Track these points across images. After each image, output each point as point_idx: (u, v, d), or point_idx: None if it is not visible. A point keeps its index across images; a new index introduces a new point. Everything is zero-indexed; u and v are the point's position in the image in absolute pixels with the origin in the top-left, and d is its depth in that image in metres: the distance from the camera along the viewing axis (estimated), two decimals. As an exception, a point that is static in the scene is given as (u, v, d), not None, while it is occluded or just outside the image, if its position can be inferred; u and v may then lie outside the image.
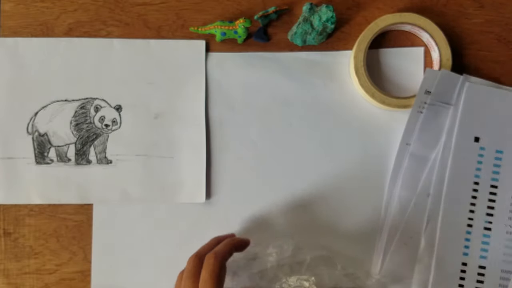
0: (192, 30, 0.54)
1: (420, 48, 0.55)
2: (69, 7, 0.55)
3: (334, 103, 0.55)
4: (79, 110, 0.54)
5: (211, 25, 0.53)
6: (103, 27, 0.55)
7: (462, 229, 0.51)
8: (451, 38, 0.54)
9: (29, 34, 0.55)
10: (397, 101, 0.53)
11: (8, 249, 0.53)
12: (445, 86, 0.52)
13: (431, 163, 0.52)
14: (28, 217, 0.54)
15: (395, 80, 0.55)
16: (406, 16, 0.53)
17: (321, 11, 0.53)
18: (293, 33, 0.53)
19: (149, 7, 0.55)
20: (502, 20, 0.55)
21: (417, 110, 0.52)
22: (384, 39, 0.55)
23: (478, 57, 0.55)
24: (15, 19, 0.55)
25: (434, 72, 0.52)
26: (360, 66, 0.53)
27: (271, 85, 0.55)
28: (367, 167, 0.54)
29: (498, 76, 0.55)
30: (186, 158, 0.54)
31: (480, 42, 0.55)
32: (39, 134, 0.54)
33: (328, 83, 0.55)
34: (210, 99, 0.55)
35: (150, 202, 0.54)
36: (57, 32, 0.55)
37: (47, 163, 0.54)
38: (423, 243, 0.51)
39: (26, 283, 0.53)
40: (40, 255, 0.53)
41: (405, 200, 0.52)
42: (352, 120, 0.54)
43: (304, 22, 0.53)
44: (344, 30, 0.55)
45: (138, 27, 0.55)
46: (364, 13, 0.55)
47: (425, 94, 0.52)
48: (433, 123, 0.52)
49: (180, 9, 0.55)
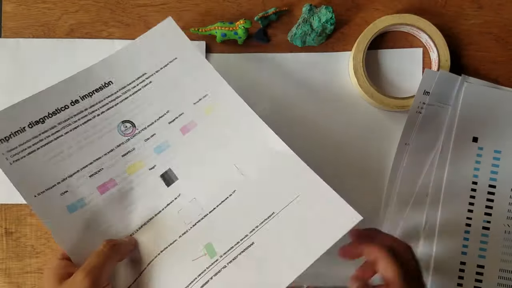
0: (193, 31, 0.54)
1: (418, 49, 0.55)
2: (70, 8, 0.56)
3: (333, 103, 0.55)
4: (81, 111, 0.54)
5: (212, 26, 0.54)
6: (104, 28, 0.56)
7: (461, 228, 0.51)
8: (450, 39, 0.55)
9: (31, 35, 0.55)
10: (396, 101, 0.53)
11: (9, 248, 0.54)
12: (444, 87, 0.52)
13: (430, 163, 0.52)
14: (29, 216, 0.54)
15: (394, 80, 0.55)
16: (405, 17, 0.54)
17: (320, 12, 0.53)
18: (292, 34, 0.54)
19: (150, 8, 0.56)
20: (501, 21, 0.56)
21: (415, 111, 0.52)
22: (383, 40, 0.56)
23: (476, 58, 0.55)
24: (16, 20, 0.55)
25: (432, 72, 0.53)
26: (359, 66, 0.53)
27: (271, 85, 0.55)
28: (366, 167, 0.54)
29: (496, 77, 0.55)
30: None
31: (479, 43, 0.56)
32: (40, 134, 0.54)
33: (327, 83, 0.55)
34: (210, 100, 0.55)
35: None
36: (59, 33, 0.55)
37: (48, 163, 0.54)
38: (421, 242, 0.51)
39: (28, 282, 0.53)
40: (42, 254, 0.54)
41: (403, 200, 0.52)
42: (351, 120, 0.55)
43: (304, 23, 0.53)
44: (344, 31, 0.56)
45: (139, 28, 0.55)
46: (363, 14, 0.56)
47: (423, 94, 0.52)
48: (432, 123, 0.52)
49: (180, 10, 0.56)
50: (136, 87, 0.47)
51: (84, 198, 0.44)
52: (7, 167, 0.42)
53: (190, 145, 0.47)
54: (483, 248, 0.51)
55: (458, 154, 0.52)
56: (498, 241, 0.51)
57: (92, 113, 0.46)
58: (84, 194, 0.44)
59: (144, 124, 0.47)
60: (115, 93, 0.47)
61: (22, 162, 0.43)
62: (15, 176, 0.42)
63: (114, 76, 0.47)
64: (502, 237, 0.51)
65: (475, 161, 0.52)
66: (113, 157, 0.45)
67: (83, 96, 0.46)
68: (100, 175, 0.45)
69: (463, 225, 0.51)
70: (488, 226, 0.51)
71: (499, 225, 0.51)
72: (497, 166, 0.52)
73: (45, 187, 0.43)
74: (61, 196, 0.43)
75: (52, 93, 0.45)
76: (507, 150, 0.52)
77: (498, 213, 0.51)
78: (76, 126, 0.45)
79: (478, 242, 0.51)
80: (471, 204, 0.52)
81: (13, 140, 0.43)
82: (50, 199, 0.43)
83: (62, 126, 0.44)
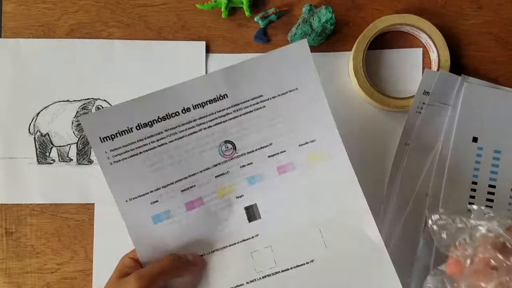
0: (199, 6, 0.54)
1: (418, 49, 0.55)
2: (70, 8, 0.56)
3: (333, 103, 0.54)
4: (81, 111, 0.54)
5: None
6: (104, 28, 0.56)
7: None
8: (450, 39, 0.55)
9: (31, 35, 0.55)
10: (396, 101, 0.53)
11: (10, 248, 0.54)
12: (444, 87, 0.52)
13: (430, 163, 0.52)
14: (29, 216, 0.54)
15: (394, 80, 0.55)
16: (404, 17, 0.54)
17: (320, 13, 0.53)
18: (292, 34, 0.54)
19: (150, 8, 0.56)
20: (500, 21, 0.56)
21: (415, 111, 0.52)
22: (383, 40, 0.56)
23: (476, 58, 0.55)
24: (16, 20, 0.55)
25: (432, 72, 0.53)
26: (359, 67, 0.53)
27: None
28: (366, 167, 0.54)
29: (496, 77, 0.55)
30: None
31: (478, 43, 0.56)
32: (41, 134, 0.54)
33: (327, 84, 0.55)
34: (210, 100, 0.55)
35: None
36: (59, 33, 0.55)
37: (48, 163, 0.54)
38: (421, 242, 0.51)
39: (28, 282, 0.54)
40: (42, 254, 0.54)
41: (403, 200, 0.52)
42: (351, 121, 0.55)
43: (304, 23, 0.53)
44: (343, 31, 0.56)
45: (139, 28, 0.55)
46: (363, 14, 0.56)
47: (423, 94, 0.52)
48: (432, 123, 0.52)
49: (181, 10, 0.56)
50: (249, 107, 0.43)
51: (170, 211, 0.43)
52: (107, 167, 0.41)
53: (283, 188, 0.44)
54: (483, 248, 0.51)
55: (458, 154, 0.52)
56: (498, 241, 0.51)
57: (200, 125, 0.43)
58: (171, 207, 0.43)
59: (245, 150, 0.44)
60: (227, 109, 0.43)
61: (122, 164, 0.41)
62: (112, 178, 0.41)
63: (231, 89, 0.43)
64: (502, 237, 0.51)
65: (475, 161, 0.52)
66: (207, 176, 0.43)
67: (196, 105, 0.42)
68: (191, 191, 0.43)
69: (463, 225, 0.51)
70: (488, 226, 0.51)
71: (499, 225, 0.51)
72: (497, 166, 0.52)
73: (138, 194, 0.42)
74: (150, 205, 0.42)
75: (167, 96, 0.42)
76: (507, 150, 0.52)
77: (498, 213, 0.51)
78: (181, 136, 0.42)
79: (478, 242, 0.51)
80: (471, 204, 0.52)
81: (118, 139, 0.41)
82: (140, 206, 0.42)
83: (169, 133, 0.42)
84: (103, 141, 0.41)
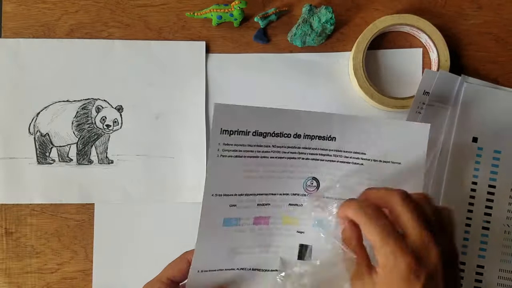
0: (188, 15, 0.54)
1: (418, 49, 0.56)
2: (70, 8, 0.56)
3: (333, 103, 0.55)
4: (81, 111, 0.54)
5: (207, 9, 0.53)
6: (104, 28, 0.56)
7: (460, 228, 0.51)
8: (450, 39, 0.55)
9: (31, 35, 0.55)
10: (396, 101, 0.53)
11: (10, 248, 0.54)
12: (443, 87, 0.52)
13: (430, 163, 0.52)
14: (29, 216, 0.54)
15: (394, 81, 0.55)
16: (404, 17, 0.54)
17: (320, 13, 0.53)
18: (292, 34, 0.54)
19: (150, 9, 0.56)
20: (500, 21, 0.56)
21: (415, 111, 0.52)
22: (383, 40, 0.56)
23: (476, 58, 0.55)
24: (16, 20, 0.55)
25: (432, 73, 0.53)
26: (359, 67, 0.53)
27: (271, 86, 0.55)
28: (366, 167, 0.54)
29: (496, 77, 0.55)
30: (187, 159, 0.54)
31: (478, 43, 0.56)
32: (40, 134, 0.54)
33: (327, 84, 0.55)
34: (210, 100, 0.55)
35: (151, 201, 0.54)
36: (59, 33, 0.55)
37: (48, 163, 0.54)
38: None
39: (28, 282, 0.54)
40: (42, 255, 0.54)
41: (403, 200, 0.52)
42: (351, 121, 0.55)
43: (304, 24, 0.53)
44: (343, 31, 0.56)
45: (139, 28, 0.56)
46: (363, 14, 0.56)
47: (423, 94, 0.52)
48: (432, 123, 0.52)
49: (181, 10, 0.56)
50: (348, 159, 0.44)
51: (240, 220, 0.44)
52: (214, 157, 0.42)
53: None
54: (483, 248, 0.51)
55: (457, 154, 0.52)
56: (498, 241, 0.51)
57: (301, 154, 0.44)
58: (242, 216, 0.44)
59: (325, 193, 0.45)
60: (329, 151, 0.44)
61: (226, 160, 0.42)
62: (213, 169, 0.42)
63: (341, 136, 0.44)
64: (502, 237, 0.51)
65: (474, 161, 0.52)
66: (283, 201, 0.44)
67: (307, 135, 0.44)
68: (265, 208, 0.44)
69: (463, 225, 0.51)
70: (488, 226, 0.51)
71: (499, 225, 0.51)
72: (497, 166, 0.52)
73: (224, 192, 0.43)
74: (228, 208, 0.43)
75: (288, 117, 0.44)
76: (507, 150, 0.52)
77: (498, 213, 0.51)
78: (282, 157, 0.43)
79: (478, 242, 0.51)
80: (470, 204, 0.52)
81: (234, 137, 0.42)
82: (220, 205, 0.43)
83: (274, 150, 0.43)
84: (221, 133, 0.42)
